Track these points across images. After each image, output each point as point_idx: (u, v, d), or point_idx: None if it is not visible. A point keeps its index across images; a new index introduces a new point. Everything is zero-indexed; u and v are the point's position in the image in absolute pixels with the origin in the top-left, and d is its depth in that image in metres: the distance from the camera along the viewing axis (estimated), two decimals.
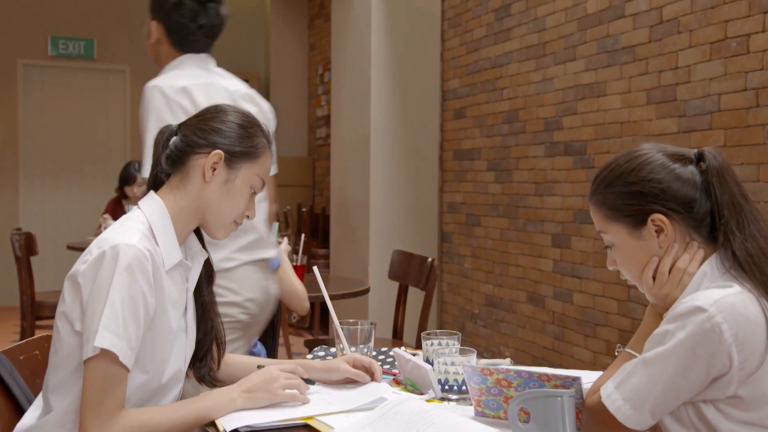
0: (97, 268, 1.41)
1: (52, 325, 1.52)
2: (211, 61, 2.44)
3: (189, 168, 1.55)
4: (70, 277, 1.46)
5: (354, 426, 1.39)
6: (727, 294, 1.25)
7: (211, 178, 1.54)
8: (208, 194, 1.55)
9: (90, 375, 1.38)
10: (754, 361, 1.24)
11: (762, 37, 2.91)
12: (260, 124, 1.64)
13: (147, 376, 1.49)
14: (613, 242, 1.42)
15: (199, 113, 1.63)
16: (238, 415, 1.46)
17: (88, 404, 1.38)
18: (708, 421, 1.27)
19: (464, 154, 5.16)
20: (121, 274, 1.39)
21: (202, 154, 1.55)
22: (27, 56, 7.61)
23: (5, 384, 1.55)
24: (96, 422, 1.37)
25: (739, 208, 1.34)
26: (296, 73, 8.28)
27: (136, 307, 1.41)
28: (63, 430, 1.44)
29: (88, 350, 1.38)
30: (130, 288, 1.40)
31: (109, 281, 1.39)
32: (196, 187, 1.55)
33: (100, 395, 1.37)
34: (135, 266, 1.41)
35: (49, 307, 4.47)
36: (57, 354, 1.47)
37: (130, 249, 1.41)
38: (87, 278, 1.42)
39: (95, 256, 1.42)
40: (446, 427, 1.31)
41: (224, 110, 1.61)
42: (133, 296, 1.40)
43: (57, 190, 7.82)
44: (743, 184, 3.00)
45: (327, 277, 5.04)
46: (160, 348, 1.50)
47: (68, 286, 1.46)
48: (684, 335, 1.24)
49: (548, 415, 1.28)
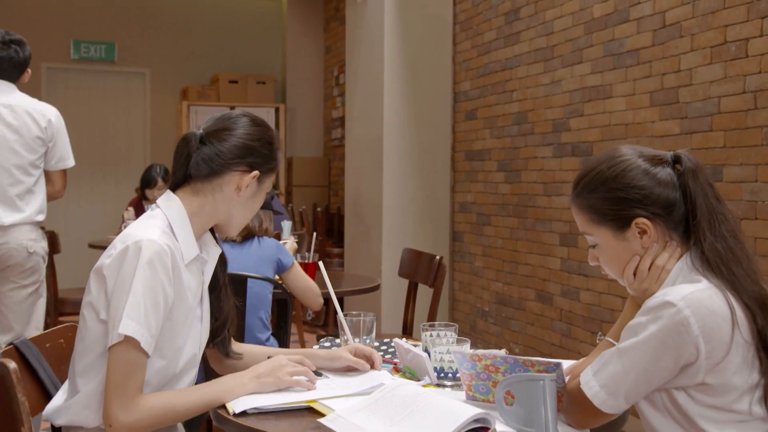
0: (121, 262, 1.52)
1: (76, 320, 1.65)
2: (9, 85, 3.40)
3: (223, 181, 1.65)
4: (95, 270, 1.58)
5: (353, 408, 1.50)
6: (695, 290, 1.35)
7: (239, 194, 1.66)
8: (236, 205, 1.68)
9: (114, 360, 1.50)
10: (720, 352, 1.33)
11: (760, 41, 2.99)
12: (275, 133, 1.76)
13: (165, 362, 1.61)
14: (597, 243, 1.52)
15: (230, 125, 1.67)
16: (246, 398, 1.58)
17: (111, 387, 1.49)
18: (679, 405, 1.37)
19: (475, 154, 5.26)
20: (143, 268, 1.51)
21: (239, 172, 1.65)
22: (50, 60, 7.79)
23: (33, 369, 1.68)
24: (118, 403, 1.49)
25: (711, 209, 1.42)
26: (312, 75, 8.41)
27: (156, 298, 1.52)
28: (89, 410, 1.56)
29: (113, 337, 1.49)
30: (151, 280, 1.51)
31: (132, 274, 1.50)
32: (227, 197, 1.66)
33: (123, 379, 1.49)
34: (156, 260, 1.52)
35: (72, 303, 4.62)
36: (83, 341, 1.59)
37: (151, 244, 1.52)
38: (112, 271, 1.53)
39: (119, 250, 1.54)
40: (437, 408, 1.42)
41: (259, 123, 1.70)
42: (153, 288, 1.52)
43: (79, 190, 8.00)
44: (743, 185, 3.09)
45: (341, 274, 5.16)
46: (177, 336, 1.62)
47: (94, 278, 1.58)
48: (655, 328, 1.33)
49: (531, 398, 1.38)
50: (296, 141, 8.41)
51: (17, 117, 3.34)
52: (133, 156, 8.10)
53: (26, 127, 3.35)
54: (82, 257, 7.21)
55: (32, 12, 7.70)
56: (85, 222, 7.88)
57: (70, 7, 7.83)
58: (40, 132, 3.40)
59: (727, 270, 1.38)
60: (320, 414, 1.51)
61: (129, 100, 8.13)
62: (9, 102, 3.35)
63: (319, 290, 2.96)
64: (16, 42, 3.44)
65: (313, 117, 8.44)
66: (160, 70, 8.16)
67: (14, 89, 3.43)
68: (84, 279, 1.63)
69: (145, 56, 8.09)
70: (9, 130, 3.31)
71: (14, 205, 3.33)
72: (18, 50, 3.44)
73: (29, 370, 1.67)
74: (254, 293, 2.81)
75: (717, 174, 3.21)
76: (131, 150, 8.14)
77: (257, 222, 2.84)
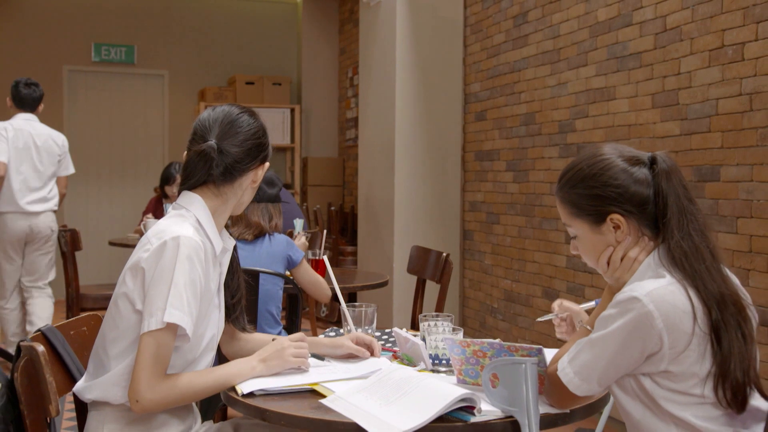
0: (159, 256, 1.66)
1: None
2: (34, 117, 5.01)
3: (243, 179, 1.82)
4: (132, 266, 1.71)
5: (352, 390, 1.63)
6: (659, 286, 1.47)
7: (253, 185, 1.85)
8: (248, 191, 1.86)
9: (148, 343, 1.63)
10: (682, 343, 1.45)
11: (755, 45, 3.09)
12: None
13: (189, 346, 1.75)
14: (576, 234, 1.64)
15: (236, 129, 1.82)
16: (254, 380, 1.71)
17: (141, 367, 1.63)
18: (646, 390, 1.50)
19: (485, 155, 5.37)
20: (183, 262, 1.65)
21: (254, 169, 1.83)
22: (72, 62, 7.99)
23: (59, 354, 1.82)
24: (146, 382, 1.63)
25: (681, 209, 1.53)
26: (327, 76, 8.55)
27: (195, 289, 1.67)
28: (117, 388, 1.70)
29: (152, 323, 1.62)
30: (190, 273, 1.66)
31: (171, 267, 1.64)
32: (243, 189, 1.84)
33: (153, 361, 1.63)
34: (193, 255, 1.67)
35: (93, 299, 4.77)
36: (117, 328, 1.72)
37: (188, 240, 1.67)
38: (150, 264, 1.67)
39: (157, 245, 1.67)
40: (427, 389, 1.55)
41: (259, 126, 1.86)
42: (193, 280, 1.66)
43: (99, 189, 8.19)
44: (739, 184, 3.19)
45: (353, 271, 5.29)
46: (200, 323, 1.76)
47: (129, 272, 1.71)
48: (623, 321, 1.46)
49: (514, 380, 1.50)
50: (311, 141, 8.55)
51: (44, 141, 4.99)
52: (151, 156, 8.28)
53: (50, 148, 5.02)
54: (103, 255, 7.41)
55: (55, 16, 7.90)
56: (105, 221, 8.06)
57: (91, 11, 8.02)
58: (58, 151, 5.07)
59: (690, 267, 1.49)
60: (322, 395, 1.64)
61: (148, 101, 8.31)
62: (38, 131, 4.98)
63: (327, 285, 3.10)
64: (33, 84, 5.02)
65: (327, 118, 8.58)
66: (179, 72, 8.33)
67: (37, 120, 5.02)
68: (104, 275, 1.78)
69: (164, 58, 8.27)
70: (39, 151, 4.96)
71: (43, 199, 5.00)
72: (35, 89, 5.01)
73: (55, 354, 1.81)
74: (265, 290, 2.94)
75: (714, 174, 3.31)
76: (150, 150, 8.32)
77: (267, 218, 2.97)
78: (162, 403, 1.65)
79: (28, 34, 7.80)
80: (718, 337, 1.45)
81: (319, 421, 1.53)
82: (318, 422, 1.53)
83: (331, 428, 1.52)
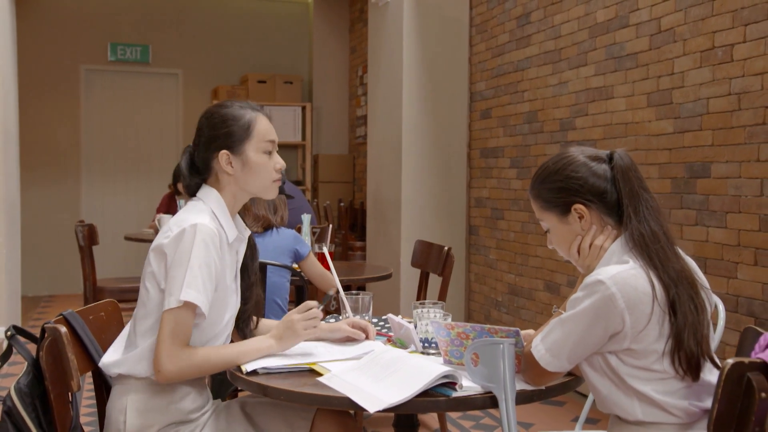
0: (179, 241, 1.84)
1: None
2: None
3: (216, 170, 1.98)
4: (155, 248, 1.89)
5: (346, 369, 1.78)
6: (621, 270, 1.62)
7: (233, 170, 1.97)
8: (240, 179, 1.98)
9: (169, 319, 1.80)
10: (642, 322, 1.60)
11: (743, 47, 3.20)
12: (239, 104, 2.01)
13: (209, 325, 1.92)
14: (548, 227, 1.79)
15: (198, 126, 2.02)
16: (259, 360, 1.86)
17: (162, 340, 1.80)
18: (612, 367, 1.65)
19: (489, 152, 5.50)
20: (199, 247, 1.82)
21: (215, 159, 1.97)
22: (88, 62, 8.19)
23: (78, 336, 1.98)
24: (167, 354, 1.80)
25: (637, 198, 1.70)
26: (338, 74, 8.71)
27: (210, 271, 1.84)
28: (143, 362, 1.88)
29: (171, 302, 1.80)
30: (206, 257, 1.83)
31: (189, 251, 1.82)
32: (229, 178, 1.97)
33: (172, 335, 1.80)
34: (208, 241, 1.85)
35: (109, 291, 4.92)
36: (145, 306, 1.90)
37: (204, 227, 1.85)
38: (170, 248, 1.85)
39: (177, 232, 1.85)
40: (414, 367, 1.70)
41: (210, 114, 2.01)
42: (207, 263, 1.84)
43: (115, 185, 8.39)
44: (728, 180, 3.31)
45: (363, 264, 5.43)
46: (219, 303, 1.93)
47: (153, 255, 1.89)
48: (589, 302, 1.61)
49: (493, 359, 1.64)
50: (322, 139, 8.71)
51: None
52: (166, 153, 8.46)
53: None
54: (119, 249, 7.60)
55: (72, 17, 8.10)
56: (121, 216, 8.26)
57: (107, 11, 8.22)
58: None
59: (649, 249, 1.64)
60: (319, 374, 1.79)
61: (162, 99, 8.50)
62: None
63: (332, 276, 3.25)
64: None
65: (338, 115, 8.74)
66: (192, 71, 8.52)
67: None
68: (120, 269, 1.97)
69: (178, 58, 8.46)
70: None
71: None
72: None
73: (75, 336, 1.97)
74: (272, 281, 3.10)
75: (705, 170, 3.43)
76: (164, 147, 8.51)
77: (272, 211, 3.13)
78: (181, 373, 1.82)
79: (47, 35, 8.00)
80: (674, 311, 1.60)
81: (315, 395, 1.67)
82: (314, 397, 1.67)
83: (326, 402, 1.67)
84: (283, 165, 2.02)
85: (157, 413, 1.88)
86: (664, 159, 3.70)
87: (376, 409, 1.56)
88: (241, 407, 2.03)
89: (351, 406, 1.62)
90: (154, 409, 1.88)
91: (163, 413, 1.89)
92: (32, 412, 1.74)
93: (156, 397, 1.89)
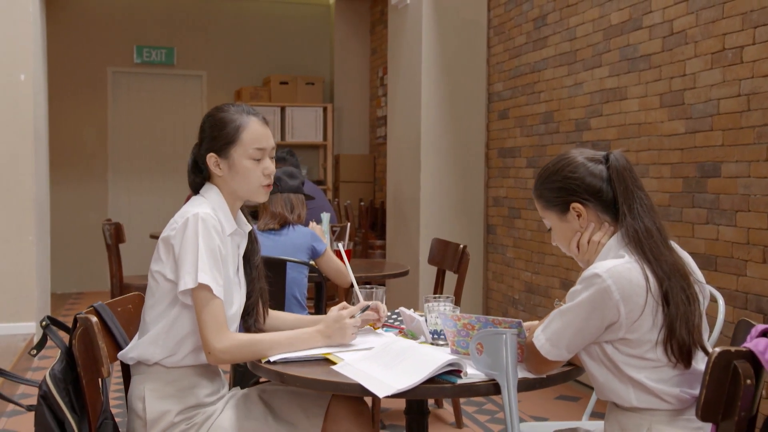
0: (184, 230, 1.96)
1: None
2: None
3: (211, 170, 2.13)
4: (163, 239, 2.01)
5: (358, 358, 1.88)
6: (617, 264, 1.71)
7: (221, 172, 2.10)
8: (228, 181, 2.10)
9: (199, 304, 1.92)
10: (636, 313, 1.69)
11: (753, 48, 3.27)
12: (236, 108, 2.14)
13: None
14: (550, 225, 1.88)
15: (200, 127, 2.19)
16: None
17: (203, 324, 1.92)
18: (608, 355, 1.74)
19: (507, 152, 5.58)
20: (203, 234, 1.95)
21: (207, 160, 2.11)
22: (115, 64, 8.38)
23: (108, 327, 2.10)
24: (212, 335, 1.92)
25: (632, 196, 1.79)
26: (359, 75, 8.83)
27: (216, 255, 1.96)
28: (155, 346, 2.00)
29: (187, 282, 1.91)
30: (210, 242, 1.96)
31: (195, 238, 1.94)
32: (220, 179, 2.11)
33: (210, 317, 1.92)
34: (211, 227, 1.97)
35: (135, 288, 5.03)
36: (154, 295, 2.03)
37: (207, 216, 1.98)
38: (177, 239, 1.97)
39: (181, 222, 1.98)
40: (422, 356, 1.80)
41: (208, 116, 2.16)
42: (212, 248, 1.96)
43: (141, 185, 8.58)
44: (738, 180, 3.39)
45: (382, 262, 5.54)
46: (224, 296, 2.02)
47: (161, 246, 2.01)
48: (586, 294, 1.71)
49: (496, 348, 1.74)
50: (343, 139, 8.83)
51: None
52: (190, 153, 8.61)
53: None
54: (145, 247, 7.76)
55: (99, 20, 8.30)
56: (146, 215, 8.44)
57: (133, 15, 8.40)
58: None
59: (643, 245, 1.73)
60: (333, 363, 1.90)
61: (187, 100, 8.66)
62: None
63: (347, 272, 3.36)
64: None
65: (359, 116, 8.85)
66: (216, 73, 8.68)
67: None
68: (146, 267, 2.08)
69: (202, 60, 8.62)
70: None
71: None
72: None
73: (105, 327, 2.09)
74: (291, 277, 3.22)
75: (716, 170, 3.49)
76: (188, 147, 8.33)
77: (289, 209, 3.25)
78: (229, 353, 1.93)
79: (75, 38, 8.20)
80: (666, 302, 1.69)
81: (329, 382, 1.78)
82: (327, 383, 1.78)
83: (338, 388, 1.78)
84: (272, 171, 2.11)
85: (173, 399, 2.00)
86: (676, 159, 3.77)
87: (385, 394, 1.66)
88: (259, 394, 2.13)
89: (362, 391, 1.73)
90: (170, 395, 2.00)
91: (179, 399, 2.00)
92: (66, 396, 1.86)
93: (170, 385, 2.01)
